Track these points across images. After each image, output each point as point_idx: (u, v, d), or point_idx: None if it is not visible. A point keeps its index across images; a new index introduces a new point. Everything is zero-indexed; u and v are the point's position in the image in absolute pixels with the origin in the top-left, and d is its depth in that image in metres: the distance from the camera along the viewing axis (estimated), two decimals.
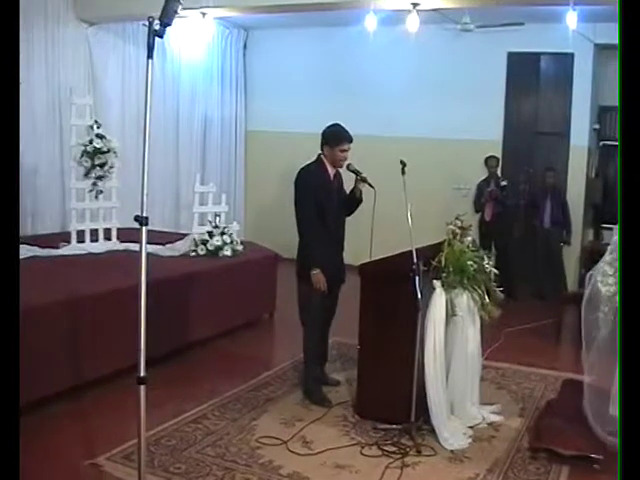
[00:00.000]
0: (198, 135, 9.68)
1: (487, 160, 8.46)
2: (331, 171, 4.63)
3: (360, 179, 4.60)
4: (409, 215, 4.07)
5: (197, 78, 9.56)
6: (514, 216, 8.44)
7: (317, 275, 4.47)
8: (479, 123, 8.79)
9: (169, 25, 2.82)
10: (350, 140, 4.56)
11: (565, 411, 4.15)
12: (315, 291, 4.49)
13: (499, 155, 8.65)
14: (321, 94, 9.62)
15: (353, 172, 4.61)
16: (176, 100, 9.31)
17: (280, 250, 7.05)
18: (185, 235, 6.96)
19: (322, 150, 4.61)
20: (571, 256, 8.44)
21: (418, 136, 9.09)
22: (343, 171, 4.71)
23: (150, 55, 2.80)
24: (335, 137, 4.56)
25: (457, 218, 4.41)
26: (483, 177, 8.47)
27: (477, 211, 8.37)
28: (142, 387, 2.93)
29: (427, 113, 9.06)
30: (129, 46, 8.49)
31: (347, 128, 4.63)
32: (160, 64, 8.88)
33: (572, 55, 8.35)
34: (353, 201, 4.69)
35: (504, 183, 8.25)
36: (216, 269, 6.12)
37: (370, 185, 4.56)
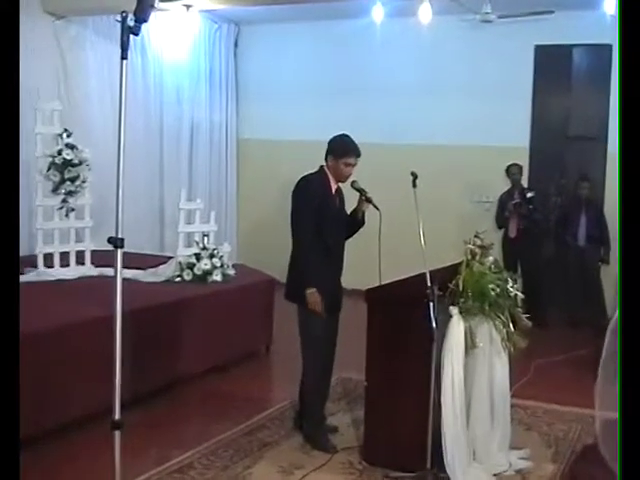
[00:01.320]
0: (184, 144, 9.75)
1: (508, 169, 8.42)
2: (333, 184, 4.69)
3: (365, 199, 4.67)
4: (421, 233, 4.10)
5: (182, 80, 9.63)
6: (543, 232, 8.42)
7: (312, 294, 4.48)
8: (503, 127, 8.81)
9: (145, 21, 2.85)
10: (357, 154, 4.63)
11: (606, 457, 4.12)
12: (311, 313, 4.51)
13: (525, 163, 8.66)
14: (322, 97, 9.68)
15: (357, 190, 4.67)
16: (159, 105, 9.37)
17: (277, 274, 7.00)
18: (169, 258, 6.98)
19: (326, 160, 4.68)
20: (609, 277, 8.30)
21: (432, 143, 9.13)
22: (346, 189, 4.76)
23: (124, 55, 2.85)
24: (342, 148, 4.62)
25: (477, 236, 4.42)
26: (507, 188, 8.46)
27: (500, 227, 8.35)
28: (117, 432, 2.93)
29: (442, 117, 9.10)
30: (106, 43, 8.27)
31: (352, 135, 4.68)
32: (140, 64, 8.92)
33: (610, 47, 8.19)
34: (354, 223, 4.75)
35: (530, 194, 8.22)
36: (204, 296, 6.13)
37: (375, 207, 4.61)
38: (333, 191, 4.69)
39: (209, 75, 9.98)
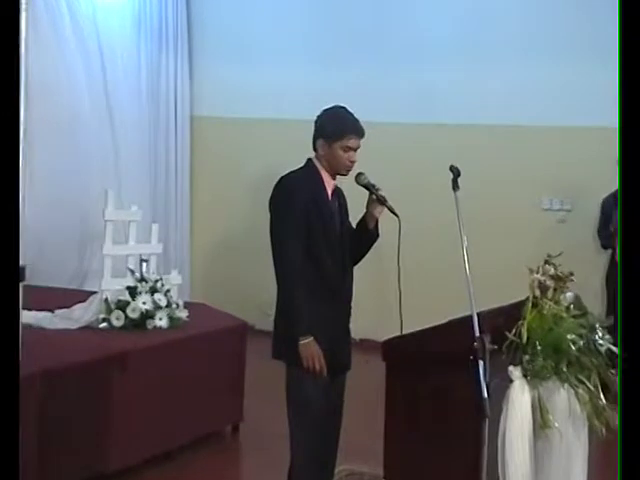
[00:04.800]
0: (113, 126, 9.73)
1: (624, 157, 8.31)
2: (329, 183, 4.71)
3: (376, 199, 4.67)
4: (465, 256, 4.05)
5: (112, 32, 9.66)
6: None
7: (308, 346, 4.48)
8: (592, 98, 8.73)
9: None
10: (360, 133, 4.63)
11: None
12: (306, 372, 4.48)
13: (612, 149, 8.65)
14: (314, 58, 9.75)
15: (365, 187, 4.69)
16: (77, 67, 9.38)
17: (251, 317, 7.02)
18: (91, 294, 6.96)
19: (315, 149, 4.69)
20: None
21: (479, 123, 9.15)
22: (348, 188, 4.76)
23: None
24: (335, 126, 4.63)
25: (548, 261, 4.37)
26: (613, 190, 8.16)
27: (605, 247, 8.33)
28: None
29: (495, 84, 9.12)
30: None
31: (358, 112, 4.66)
32: (53, 10, 9.00)
33: None
34: (363, 236, 4.76)
35: None
36: (142, 351, 6.12)
37: (392, 211, 4.62)
38: (329, 193, 4.71)
39: (148, 25, 10.04)
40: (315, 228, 4.58)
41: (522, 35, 9.02)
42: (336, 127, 4.61)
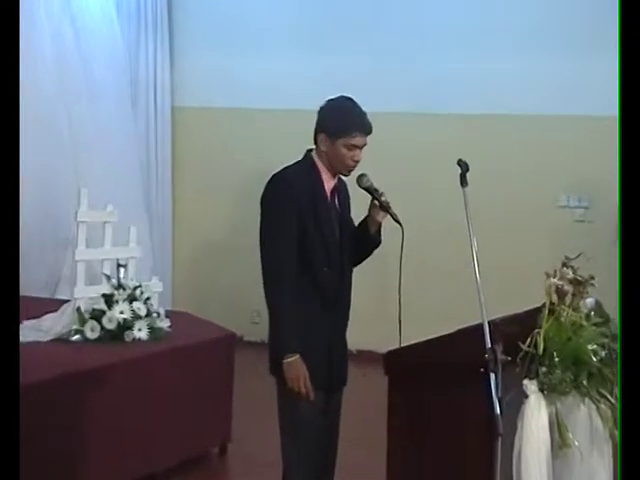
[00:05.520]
0: (86, 117, 9.71)
1: None
2: (328, 182, 4.68)
3: (379, 205, 4.65)
4: (475, 259, 4.04)
5: (84, 13, 9.66)
6: None
7: (292, 365, 4.46)
8: (614, 86, 8.68)
9: None
10: (366, 129, 4.60)
11: None
12: (292, 395, 4.47)
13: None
14: (311, 41, 9.79)
15: (367, 191, 4.67)
16: (48, 55, 9.37)
17: (241, 327, 6.99)
18: (62, 302, 6.96)
19: (315, 142, 4.66)
20: None
21: (488, 112, 9.20)
22: (351, 185, 4.76)
23: None
24: (339, 122, 4.59)
25: (566, 264, 4.35)
26: None
27: None
28: None
29: (506, 70, 9.14)
30: None
31: (358, 100, 4.64)
32: None
33: None
34: (364, 239, 4.75)
35: None
36: (120, 366, 6.11)
37: (395, 218, 4.63)
38: (328, 192, 4.69)
39: (125, 6, 10.07)
40: (310, 231, 4.56)
41: (535, 19, 9.06)
42: (340, 122, 4.57)
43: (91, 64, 9.71)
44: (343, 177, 4.75)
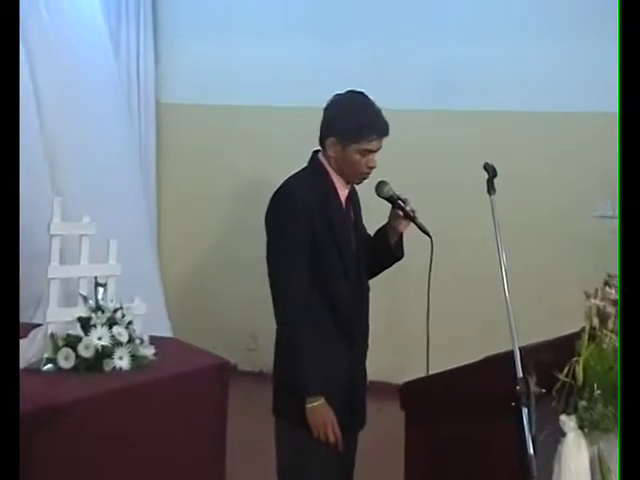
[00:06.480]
0: (60, 117, 9.79)
1: None
2: (342, 190, 4.63)
3: (402, 214, 4.60)
4: (504, 275, 4.01)
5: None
6: None
7: (317, 410, 4.39)
8: None
9: None
10: (383, 131, 4.50)
11: None
12: (316, 444, 4.43)
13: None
14: (312, 31, 9.98)
15: (389, 201, 4.63)
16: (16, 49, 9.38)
17: (235, 354, 6.96)
18: (34, 327, 6.92)
19: (323, 147, 4.61)
20: None
21: (513, 109, 9.31)
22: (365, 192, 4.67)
23: None
24: (353, 124, 4.48)
25: (608, 283, 4.31)
26: None
27: None
28: None
29: (533, 63, 9.31)
30: None
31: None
32: None
33: None
34: (381, 252, 4.69)
35: None
36: (98, 400, 6.02)
37: (423, 230, 4.61)
38: (343, 201, 4.64)
39: None
40: (327, 249, 4.55)
41: (571, 9, 9.25)
42: (353, 125, 4.48)
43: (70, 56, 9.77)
44: None
